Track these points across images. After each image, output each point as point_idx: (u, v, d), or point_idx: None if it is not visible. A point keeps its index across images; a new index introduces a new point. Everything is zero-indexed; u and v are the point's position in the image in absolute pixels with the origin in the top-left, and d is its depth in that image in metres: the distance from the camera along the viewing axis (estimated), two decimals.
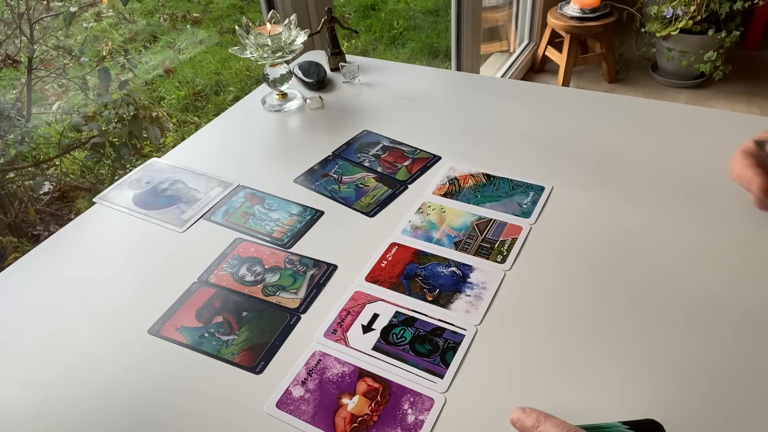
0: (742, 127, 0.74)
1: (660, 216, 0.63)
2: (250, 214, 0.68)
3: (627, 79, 2.56)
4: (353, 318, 0.54)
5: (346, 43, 2.52)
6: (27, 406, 0.49)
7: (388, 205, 0.68)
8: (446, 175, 0.71)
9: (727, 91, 2.40)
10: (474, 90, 0.89)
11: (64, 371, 0.52)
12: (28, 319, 0.57)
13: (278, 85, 0.85)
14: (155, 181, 0.74)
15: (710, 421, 0.44)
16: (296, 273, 0.60)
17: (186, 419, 0.48)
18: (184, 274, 0.61)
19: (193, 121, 1.97)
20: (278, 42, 0.81)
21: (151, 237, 0.66)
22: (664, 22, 2.26)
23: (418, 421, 0.46)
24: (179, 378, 0.51)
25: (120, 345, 0.54)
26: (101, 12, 1.89)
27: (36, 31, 1.42)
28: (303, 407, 0.47)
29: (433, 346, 0.51)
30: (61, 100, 1.54)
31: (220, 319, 0.56)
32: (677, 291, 0.54)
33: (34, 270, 0.63)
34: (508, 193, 0.68)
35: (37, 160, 1.43)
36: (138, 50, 2.09)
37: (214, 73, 2.16)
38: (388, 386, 0.48)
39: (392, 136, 0.79)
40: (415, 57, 2.61)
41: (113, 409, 0.49)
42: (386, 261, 0.60)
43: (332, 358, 0.51)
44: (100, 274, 0.62)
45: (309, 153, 0.77)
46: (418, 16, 2.84)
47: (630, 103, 0.83)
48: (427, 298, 0.56)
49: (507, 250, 0.60)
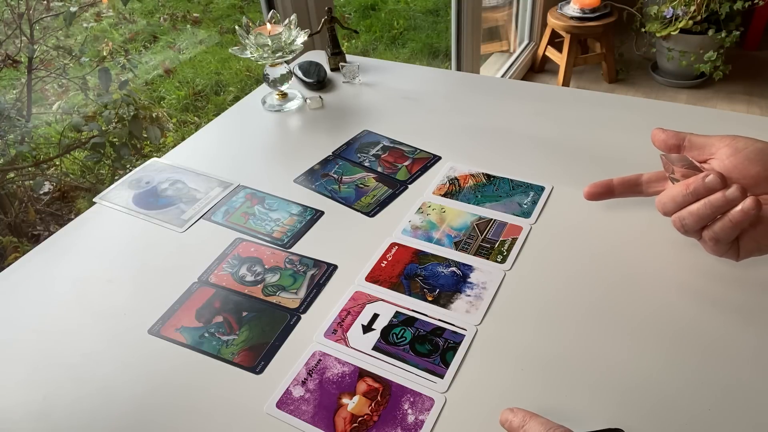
0: (742, 127, 0.74)
1: (660, 215, 0.63)
2: (250, 214, 0.68)
3: (627, 79, 2.56)
4: (353, 318, 0.54)
5: (346, 43, 2.52)
6: (27, 406, 0.49)
7: (388, 205, 0.68)
8: (446, 175, 0.71)
9: (727, 91, 2.41)
10: (474, 90, 0.89)
11: (64, 371, 0.52)
12: (28, 319, 0.57)
13: (278, 85, 0.85)
14: (155, 181, 0.74)
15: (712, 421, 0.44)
16: (296, 273, 0.60)
17: (186, 419, 0.48)
18: (184, 274, 0.61)
19: (193, 121, 1.97)
20: (278, 42, 0.81)
21: (151, 237, 0.66)
22: (664, 22, 2.26)
23: (418, 421, 0.46)
24: (179, 378, 0.51)
25: (120, 345, 0.54)
26: (101, 12, 1.89)
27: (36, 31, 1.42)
28: (303, 407, 0.47)
29: (433, 346, 0.51)
30: (61, 100, 1.54)
31: (220, 319, 0.56)
32: (677, 290, 0.54)
33: (34, 270, 0.63)
34: (508, 193, 0.68)
35: (37, 160, 1.43)
36: (138, 50, 2.10)
37: (214, 73, 2.16)
38: (388, 386, 0.48)
39: (392, 136, 0.79)
40: (415, 57, 2.61)
41: (113, 409, 0.49)
42: (386, 261, 0.60)
43: (332, 358, 0.51)
44: (100, 274, 0.62)
45: (309, 153, 0.77)
46: (418, 16, 2.84)
47: (630, 103, 0.83)
48: (427, 298, 0.56)
49: (507, 250, 0.60)
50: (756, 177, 0.48)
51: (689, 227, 0.49)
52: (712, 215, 0.47)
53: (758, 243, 0.48)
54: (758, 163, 0.48)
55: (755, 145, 0.49)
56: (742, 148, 0.49)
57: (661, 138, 0.54)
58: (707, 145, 0.51)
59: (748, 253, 0.49)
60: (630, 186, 0.57)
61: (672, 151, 0.54)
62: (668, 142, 0.53)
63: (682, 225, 0.49)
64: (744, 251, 0.49)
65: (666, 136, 0.53)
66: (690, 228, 0.49)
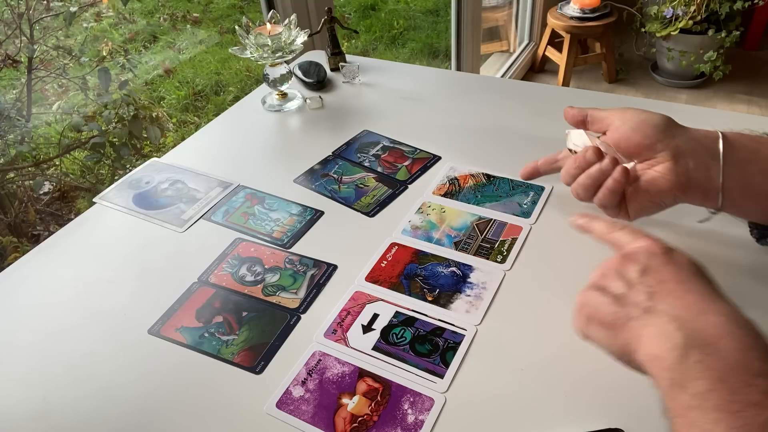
0: (742, 127, 0.74)
1: (660, 215, 0.63)
2: (250, 214, 0.68)
3: (627, 79, 2.56)
4: (353, 318, 0.54)
5: (346, 43, 2.52)
6: (27, 406, 0.49)
7: (388, 205, 0.68)
8: (446, 175, 0.71)
9: (727, 91, 2.40)
10: (474, 90, 0.89)
11: (64, 371, 0.52)
12: (28, 319, 0.57)
13: (278, 85, 0.85)
14: (155, 181, 0.74)
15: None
16: (296, 273, 0.60)
17: (186, 419, 0.48)
18: (184, 274, 0.61)
19: (193, 121, 1.97)
20: (278, 42, 0.81)
21: (151, 237, 0.66)
22: (664, 22, 2.26)
23: (418, 421, 0.46)
24: (179, 378, 0.51)
25: (120, 345, 0.54)
26: (101, 12, 1.89)
27: (36, 31, 1.42)
28: (303, 407, 0.47)
29: (433, 346, 0.51)
30: (61, 100, 1.54)
31: (220, 319, 0.56)
32: None
33: (34, 270, 0.63)
34: (508, 193, 0.68)
35: (37, 160, 1.43)
36: (138, 50, 2.10)
37: (214, 73, 2.16)
38: (388, 386, 0.48)
39: (392, 136, 0.79)
40: (415, 57, 2.61)
41: (113, 409, 0.49)
42: (386, 261, 0.60)
43: (332, 358, 0.51)
44: (100, 274, 0.62)
45: (309, 153, 0.77)
46: (418, 16, 2.84)
47: (630, 103, 0.83)
48: (427, 298, 0.56)
49: (507, 250, 0.60)
50: (638, 145, 0.52)
51: (581, 196, 0.54)
52: (594, 185, 0.53)
53: (642, 204, 0.53)
54: (639, 132, 0.52)
55: (639, 116, 0.53)
56: (628, 120, 0.54)
57: (570, 114, 0.58)
58: (604, 119, 0.56)
59: (636, 214, 0.54)
60: (550, 163, 0.61)
61: (579, 126, 0.58)
62: (576, 118, 0.58)
63: (577, 194, 0.55)
64: (632, 213, 0.54)
65: (573, 112, 0.58)
66: (582, 197, 0.54)
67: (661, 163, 0.51)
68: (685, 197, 0.52)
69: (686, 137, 0.51)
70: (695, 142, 0.51)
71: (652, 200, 0.53)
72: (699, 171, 0.50)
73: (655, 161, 0.52)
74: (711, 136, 0.51)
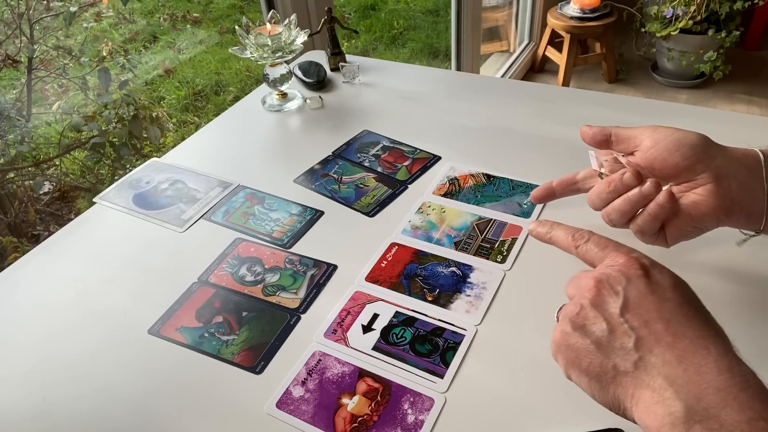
0: (742, 127, 0.74)
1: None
2: (250, 214, 0.68)
3: (627, 79, 2.56)
4: (353, 318, 0.54)
5: (346, 43, 2.52)
6: (27, 405, 0.49)
7: (388, 205, 0.68)
8: (446, 175, 0.71)
9: (727, 91, 2.41)
10: (474, 90, 0.89)
11: (64, 371, 0.52)
12: (28, 319, 0.57)
13: (278, 85, 0.85)
14: (155, 181, 0.74)
15: None
16: (296, 273, 0.60)
17: (186, 419, 0.48)
18: (184, 274, 0.61)
19: (193, 121, 1.97)
20: (278, 42, 0.81)
21: (151, 237, 0.66)
22: (664, 22, 2.26)
23: (418, 421, 0.46)
24: (179, 378, 0.51)
25: (120, 345, 0.54)
26: (101, 12, 1.89)
27: (36, 31, 1.42)
28: (303, 407, 0.47)
29: (433, 346, 0.51)
30: (61, 100, 1.54)
31: (220, 319, 0.56)
32: None
33: (34, 270, 0.63)
34: (508, 193, 0.68)
35: (37, 160, 1.43)
36: (138, 50, 2.09)
37: (214, 73, 2.16)
38: (388, 386, 0.48)
39: (392, 136, 0.79)
40: (415, 57, 2.61)
41: (113, 409, 0.49)
42: (386, 261, 0.60)
43: (332, 358, 0.51)
44: (100, 274, 0.62)
45: (309, 153, 0.77)
46: (418, 16, 2.84)
47: (630, 103, 0.83)
48: (427, 298, 0.56)
49: (507, 250, 0.60)
50: (675, 167, 0.49)
51: (616, 222, 0.51)
52: (632, 210, 0.49)
53: (682, 230, 0.50)
54: (676, 153, 0.49)
55: (673, 135, 0.49)
56: (662, 139, 0.50)
57: (590, 134, 0.54)
58: (632, 138, 0.52)
59: (675, 239, 0.50)
60: (567, 185, 0.59)
61: (601, 146, 0.54)
62: (596, 138, 0.54)
63: (609, 220, 0.51)
64: (671, 239, 0.50)
65: (593, 132, 0.54)
66: (617, 223, 0.51)
67: (701, 185, 0.48)
68: (729, 221, 0.49)
69: (726, 157, 0.48)
70: (736, 161, 0.48)
71: (695, 225, 0.49)
72: (742, 193, 0.47)
73: (695, 183, 0.48)
74: (751, 154, 0.48)
